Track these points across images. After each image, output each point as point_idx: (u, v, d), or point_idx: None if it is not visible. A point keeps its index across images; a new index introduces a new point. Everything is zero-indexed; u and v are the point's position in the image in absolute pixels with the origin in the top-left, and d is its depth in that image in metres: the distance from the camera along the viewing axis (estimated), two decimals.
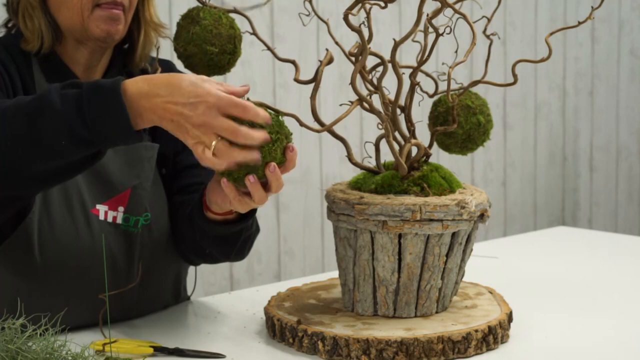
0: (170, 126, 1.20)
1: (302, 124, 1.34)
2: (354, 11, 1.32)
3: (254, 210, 1.44)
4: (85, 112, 1.18)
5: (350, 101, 1.37)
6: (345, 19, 1.32)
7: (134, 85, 1.20)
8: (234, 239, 1.49)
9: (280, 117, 1.25)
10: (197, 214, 1.45)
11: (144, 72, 1.58)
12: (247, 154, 1.20)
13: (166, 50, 1.48)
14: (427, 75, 1.50)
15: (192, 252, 1.56)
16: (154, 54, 1.60)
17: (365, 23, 1.36)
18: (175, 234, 1.55)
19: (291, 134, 1.25)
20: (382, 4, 1.32)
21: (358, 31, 1.33)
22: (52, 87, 1.22)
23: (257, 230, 1.57)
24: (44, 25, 1.45)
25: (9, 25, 1.53)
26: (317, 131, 1.33)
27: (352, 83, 1.35)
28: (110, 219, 1.47)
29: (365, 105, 1.38)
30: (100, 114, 1.18)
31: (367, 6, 1.34)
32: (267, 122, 1.21)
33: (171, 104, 1.18)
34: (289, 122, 1.29)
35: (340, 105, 1.49)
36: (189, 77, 1.20)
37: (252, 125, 1.19)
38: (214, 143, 1.18)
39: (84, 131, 1.19)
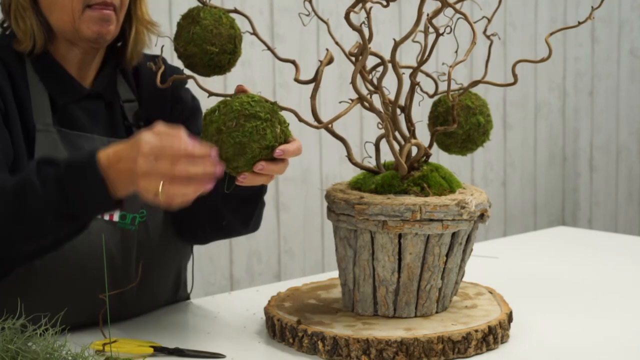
0: (131, 187, 1.22)
1: (300, 119, 1.34)
2: (356, 9, 1.32)
3: None
4: (68, 193, 1.23)
5: (350, 99, 1.37)
6: (347, 17, 1.32)
7: (104, 157, 1.23)
8: (256, 198, 1.49)
9: (275, 107, 1.26)
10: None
11: (138, 69, 1.58)
12: (197, 188, 1.20)
13: (166, 49, 1.48)
14: (427, 75, 1.50)
15: (208, 226, 1.54)
16: (151, 52, 1.60)
17: (366, 23, 1.35)
18: (185, 215, 1.53)
19: (288, 123, 1.27)
20: (384, 3, 1.32)
21: (359, 30, 1.33)
22: (30, 169, 1.25)
23: (264, 203, 1.57)
24: (35, 26, 1.45)
25: (4, 25, 1.53)
26: (316, 127, 1.34)
27: (353, 82, 1.35)
28: (107, 217, 1.47)
29: (366, 104, 1.38)
30: (81, 192, 1.23)
31: (368, 6, 1.34)
32: (204, 154, 1.19)
33: (123, 167, 1.21)
34: (289, 119, 1.30)
35: (340, 102, 1.49)
36: (138, 137, 1.21)
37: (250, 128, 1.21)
38: (160, 189, 1.18)
39: (68, 209, 1.24)
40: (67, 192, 1.23)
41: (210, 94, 1.33)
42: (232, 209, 1.49)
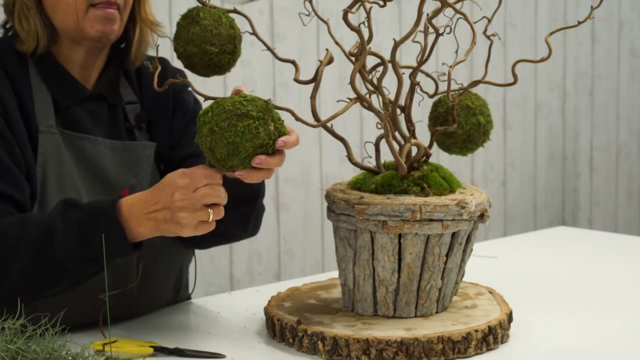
0: (164, 227, 1.29)
1: (297, 119, 1.34)
2: (354, 9, 1.31)
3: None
4: (88, 239, 1.30)
5: (349, 98, 1.37)
6: (345, 18, 1.32)
7: (125, 206, 1.30)
8: (252, 199, 1.48)
9: (269, 104, 1.26)
10: None
11: (140, 70, 1.58)
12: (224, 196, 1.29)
13: (166, 49, 1.48)
14: (427, 75, 1.50)
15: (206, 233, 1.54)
16: (152, 53, 1.60)
17: (365, 23, 1.35)
18: None
19: (282, 120, 1.27)
20: (381, 3, 1.32)
21: (357, 31, 1.33)
22: (55, 212, 1.32)
23: (264, 208, 1.56)
24: (39, 26, 1.45)
25: (7, 26, 1.53)
26: (313, 126, 1.33)
27: (352, 82, 1.35)
28: None
29: (365, 103, 1.38)
30: (102, 237, 1.28)
31: (367, 5, 1.34)
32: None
33: (151, 211, 1.28)
34: (286, 118, 1.29)
35: (338, 101, 1.49)
36: (163, 181, 1.29)
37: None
38: (211, 216, 1.27)
39: (90, 253, 1.31)
40: (87, 239, 1.30)
41: (206, 98, 1.33)
42: (228, 212, 1.49)
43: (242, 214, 1.50)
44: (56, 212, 1.32)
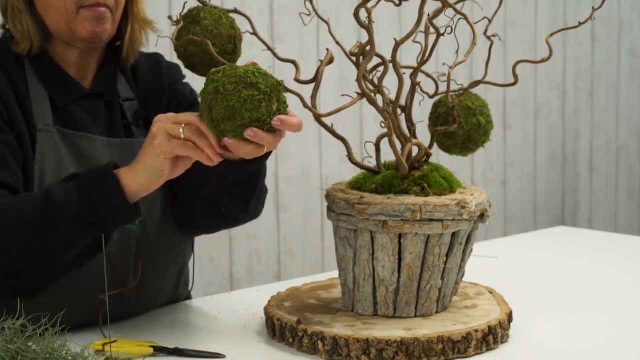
0: (143, 154, 1.29)
1: (305, 105, 1.34)
2: (368, 5, 1.31)
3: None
4: (86, 197, 1.28)
5: (357, 92, 1.37)
6: (356, 15, 1.31)
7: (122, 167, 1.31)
8: (252, 182, 1.47)
9: (279, 85, 1.25)
10: None
11: (136, 66, 1.58)
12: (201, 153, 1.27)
13: (166, 49, 1.48)
14: (428, 75, 1.50)
15: (209, 215, 1.53)
16: (155, 51, 1.60)
17: (366, 22, 1.35)
18: (184, 205, 1.53)
19: (287, 105, 1.26)
20: (397, 2, 1.32)
21: (367, 28, 1.33)
22: (53, 184, 1.33)
23: (266, 190, 1.55)
24: (32, 28, 1.46)
25: (6, 27, 1.53)
26: (318, 115, 1.33)
27: (358, 80, 1.35)
28: None
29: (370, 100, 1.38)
30: (98, 195, 1.28)
31: (369, 5, 1.34)
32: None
33: (139, 158, 1.30)
34: (293, 105, 1.29)
35: (342, 95, 1.48)
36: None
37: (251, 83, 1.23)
38: (182, 132, 1.25)
39: (88, 215, 1.28)
40: (86, 198, 1.28)
41: (222, 62, 1.31)
42: (228, 195, 1.48)
43: (243, 197, 1.49)
44: (54, 184, 1.32)
